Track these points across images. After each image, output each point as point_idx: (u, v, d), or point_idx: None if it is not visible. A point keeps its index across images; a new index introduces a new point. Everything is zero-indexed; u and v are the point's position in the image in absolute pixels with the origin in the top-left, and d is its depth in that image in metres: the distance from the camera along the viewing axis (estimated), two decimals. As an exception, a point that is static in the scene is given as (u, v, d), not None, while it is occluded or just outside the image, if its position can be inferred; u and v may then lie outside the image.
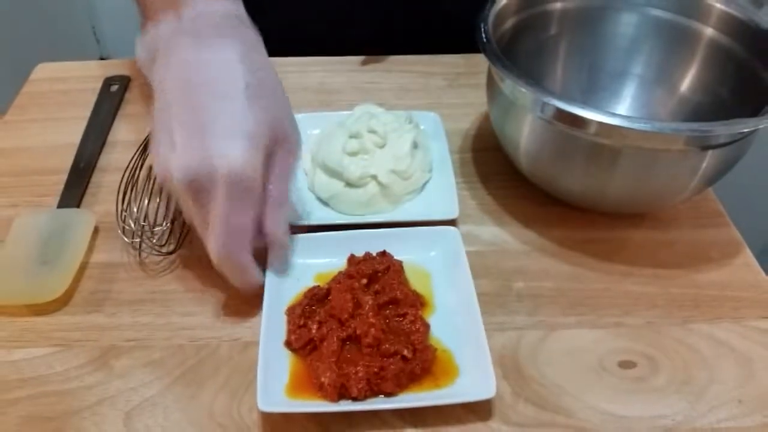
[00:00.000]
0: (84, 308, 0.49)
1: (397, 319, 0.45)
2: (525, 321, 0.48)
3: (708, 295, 0.50)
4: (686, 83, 0.60)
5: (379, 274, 0.47)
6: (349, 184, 0.54)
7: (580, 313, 0.49)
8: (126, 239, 0.52)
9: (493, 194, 0.58)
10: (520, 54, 0.54)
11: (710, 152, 0.46)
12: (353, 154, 0.55)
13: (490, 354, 0.42)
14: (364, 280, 0.47)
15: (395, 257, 0.49)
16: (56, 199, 0.56)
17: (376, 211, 0.54)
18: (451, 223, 0.52)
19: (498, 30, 0.54)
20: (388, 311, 0.46)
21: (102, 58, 1.92)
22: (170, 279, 0.51)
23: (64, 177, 0.58)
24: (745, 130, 0.45)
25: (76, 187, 0.57)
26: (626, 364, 0.45)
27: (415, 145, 0.56)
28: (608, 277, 0.51)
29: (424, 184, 0.57)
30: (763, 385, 0.44)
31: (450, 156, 0.58)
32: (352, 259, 0.49)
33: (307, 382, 0.42)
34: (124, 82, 0.70)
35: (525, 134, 0.51)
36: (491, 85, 0.55)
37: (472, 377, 0.42)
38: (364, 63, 0.72)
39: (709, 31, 0.57)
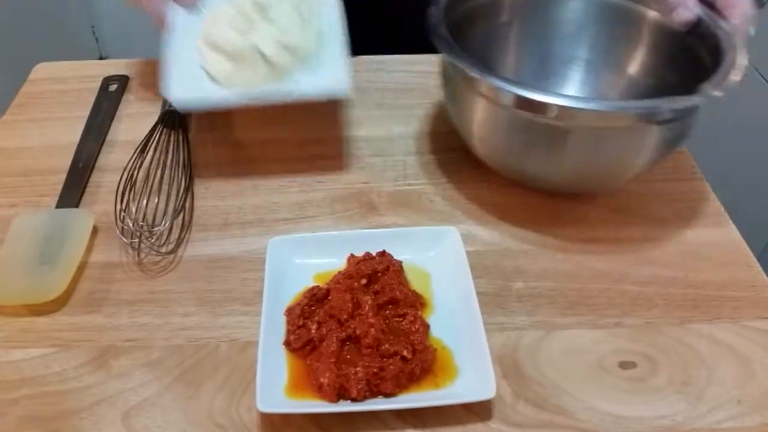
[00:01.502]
0: (83, 308, 0.48)
1: (396, 319, 0.45)
2: (525, 321, 0.48)
3: (707, 295, 0.50)
4: (634, 66, 0.61)
5: (379, 274, 0.47)
6: (237, 61, 0.53)
7: (579, 313, 0.48)
8: (125, 239, 0.52)
9: (493, 194, 0.58)
10: (473, 41, 0.55)
11: (655, 128, 0.48)
12: (239, 30, 0.54)
13: (490, 354, 0.42)
14: (364, 280, 0.47)
15: (395, 257, 0.49)
16: (55, 199, 0.56)
17: (267, 88, 0.53)
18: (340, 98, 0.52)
19: (450, 17, 0.54)
20: (387, 311, 0.46)
21: (101, 58, 1.93)
22: (169, 279, 0.51)
23: (63, 177, 0.58)
24: (679, 107, 0.47)
25: (75, 187, 0.57)
26: (626, 365, 0.45)
27: (301, 15, 0.55)
28: (608, 277, 0.51)
29: (316, 56, 0.55)
30: (762, 385, 0.44)
31: (341, 24, 0.57)
32: (351, 259, 0.49)
33: (306, 383, 0.42)
34: (123, 81, 0.70)
35: (477, 120, 0.52)
36: (443, 73, 0.55)
37: (471, 377, 0.42)
38: None
39: (652, 14, 0.58)
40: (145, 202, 0.55)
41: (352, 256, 0.50)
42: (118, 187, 0.54)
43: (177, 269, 0.51)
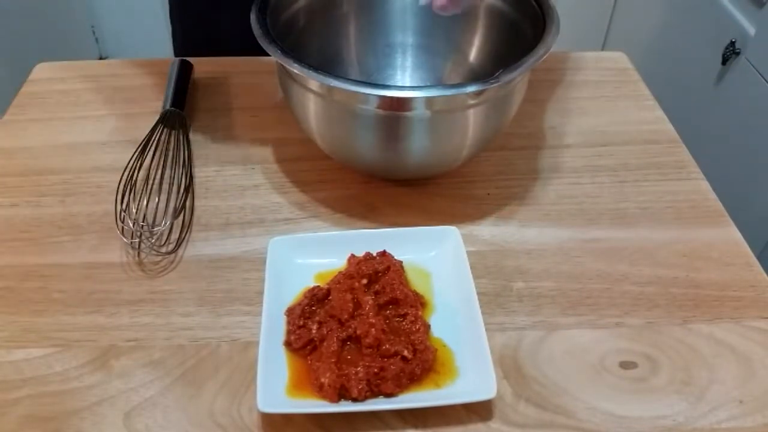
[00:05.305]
0: (83, 308, 0.48)
1: (397, 319, 0.45)
2: (525, 321, 0.48)
3: (708, 295, 0.50)
4: (474, 52, 0.61)
5: (380, 274, 0.47)
6: None
7: (580, 313, 0.48)
8: (125, 239, 0.52)
9: (492, 194, 0.58)
10: (314, 34, 0.55)
11: (471, 111, 0.49)
12: None
13: (491, 354, 0.42)
14: (365, 280, 0.47)
15: (395, 257, 0.49)
16: (55, 199, 0.56)
17: None
18: None
19: (288, 10, 0.54)
20: (388, 311, 0.46)
21: (101, 58, 1.93)
22: (170, 279, 0.51)
23: (64, 177, 0.58)
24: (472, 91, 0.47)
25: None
26: (627, 365, 0.45)
27: None
28: (608, 277, 0.51)
29: None
30: (763, 385, 0.44)
31: None
32: (352, 259, 0.49)
33: (307, 383, 0.42)
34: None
35: (313, 116, 0.52)
36: (279, 71, 0.55)
37: (472, 377, 0.42)
38: None
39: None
40: (145, 202, 0.55)
41: (353, 256, 0.50)
42: (118, 187, 0.54)
43: (178, 269, 0.51)
